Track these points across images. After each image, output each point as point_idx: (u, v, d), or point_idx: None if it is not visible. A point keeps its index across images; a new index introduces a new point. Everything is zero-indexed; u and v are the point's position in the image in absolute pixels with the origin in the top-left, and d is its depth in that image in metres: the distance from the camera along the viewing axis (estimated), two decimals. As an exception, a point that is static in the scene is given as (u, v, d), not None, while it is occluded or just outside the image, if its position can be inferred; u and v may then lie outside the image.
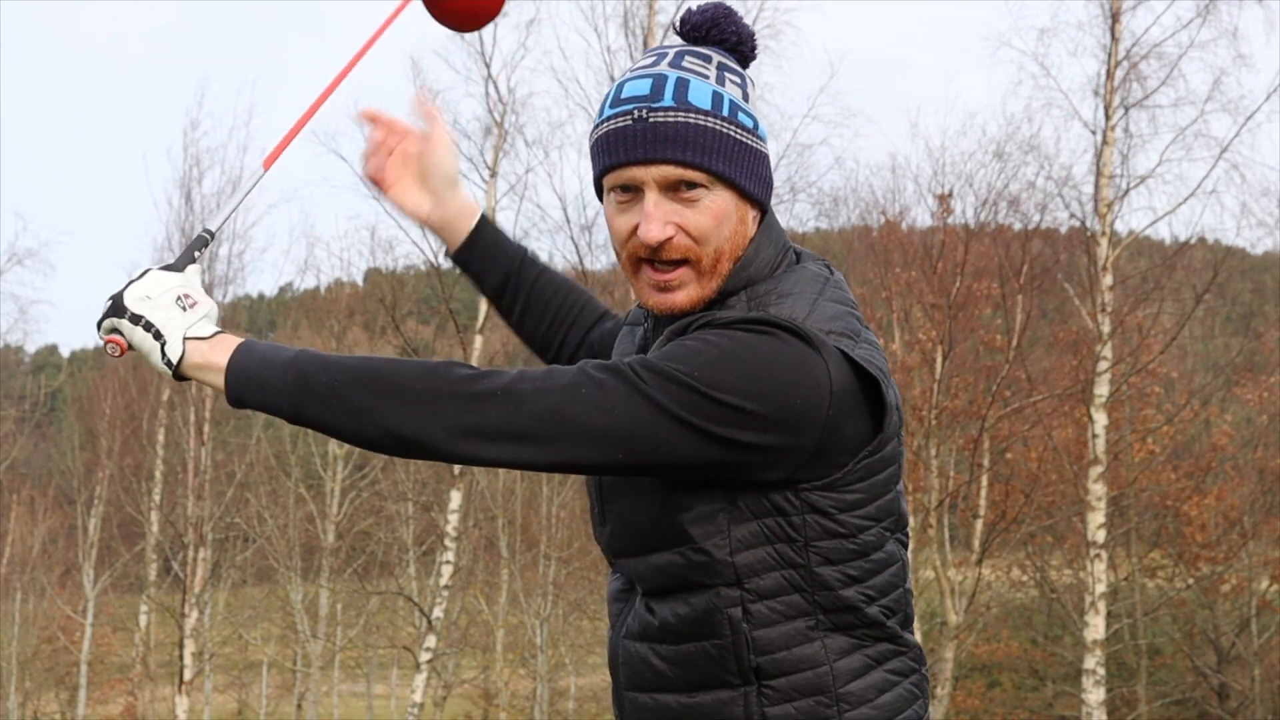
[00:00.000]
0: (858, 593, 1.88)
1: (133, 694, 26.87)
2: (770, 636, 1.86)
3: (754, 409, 1.76)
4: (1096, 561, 15.97)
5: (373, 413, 1.78)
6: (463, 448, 1.78)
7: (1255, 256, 24.35)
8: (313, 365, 1.81)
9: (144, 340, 1.86)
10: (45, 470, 32.38)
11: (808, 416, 1.78)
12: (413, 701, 17.04)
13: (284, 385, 1.81)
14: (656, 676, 1.93)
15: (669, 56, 1.94)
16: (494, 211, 17.44)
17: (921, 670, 1.97)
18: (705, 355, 1.78)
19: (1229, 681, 22.01)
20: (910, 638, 1.97)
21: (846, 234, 22.06)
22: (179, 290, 1.89)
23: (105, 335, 1.89)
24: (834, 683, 1.87)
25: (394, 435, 1.79)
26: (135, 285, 1.89)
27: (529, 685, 26.23)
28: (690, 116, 1.88)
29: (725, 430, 1.77)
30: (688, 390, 1.76)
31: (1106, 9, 16.24)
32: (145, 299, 1.87)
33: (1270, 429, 23.17)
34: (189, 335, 1.86)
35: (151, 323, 1.86)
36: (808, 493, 1.83)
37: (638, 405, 1.77)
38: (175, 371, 1.86)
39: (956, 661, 18.73)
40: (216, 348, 1.85)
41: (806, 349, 1.80)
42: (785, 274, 1.94)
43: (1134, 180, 16.23)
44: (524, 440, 1.78)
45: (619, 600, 2.04)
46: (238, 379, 1.83)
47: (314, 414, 1.81)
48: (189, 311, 1.88)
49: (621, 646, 2.00)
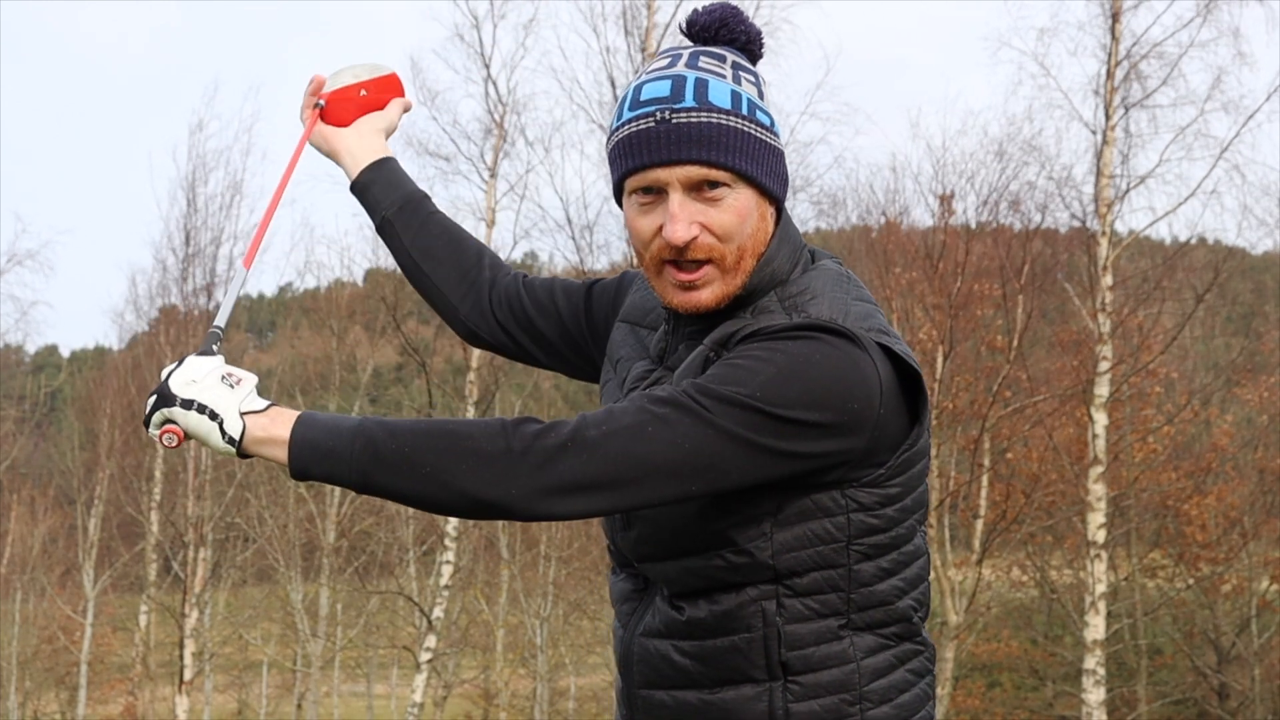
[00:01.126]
0: (892, 586, 1.90)
1: (133, 694, 26.86)
2: (801, 633, 1.87)
3: (817, 419, 1.78)
4: (1097, 561, 15.97)
5: (447, 477, 1.77)
6: (540, 506, 1.78)
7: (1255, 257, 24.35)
8: (380, 432, 1.79)
9: (200, 424, 1.83)
10: (45, 470, 32.37)
11: (864, 417, 1.81)
12: (413, 701, 17.04)
13: (352, 455, 1.79)
14: (677, 673, 1.93)
15: (684, 58, 1.95)
16: (494, 211, 17.45)
17: (933, 671, 1.99)
18: (762, 374, 1.79)
19: (1229, 681, 22.01)
20: (928, 636, 1.99)
21: (846, 234, 22.06)
22: (222, 370, 1.86)
23: (159, 429, 1.85)
24: (859, 681, 1.89)
25: (471, 498, 1.78)
26: (178, 373, 1.85)
27: (529, 685, 26.23)
28: (713, 116, 1.88)
29: (792, 445, 1.78)
30: (752, 412, 1.77)
31: (1107, 9, 16.24)
32: (192, 383, 1.84)
33: (1270, 429, 23.17)
34: (244, 410, 1.83)
35: (205, 404, 1.83)
36: (854, 490, 1.85)
37: (706, 436, 1.77)
38: (238, 449, 1.82)
39: (956, 661, 18.73)
40: (277, 421, 1.82)
41: (855, 350, 1.81)
42: (809, 273, 1.96)
43: (1134, 180, 16.23)
44: (599, 489, 1.78)
45: (630, 600, 2.03)
46: (302, 451, 1.81)
47: (384, 482, 1.79)
48: (237, 389, 1.85)
49: (637, 644, 1.99)
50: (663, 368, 2.01)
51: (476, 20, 17.34)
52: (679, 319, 1.99)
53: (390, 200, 2.38)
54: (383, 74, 2.45)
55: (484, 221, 17.44)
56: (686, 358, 1.95)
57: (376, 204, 2.39)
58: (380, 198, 2.39)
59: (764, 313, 1.91)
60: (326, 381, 26.42)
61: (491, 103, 17.15)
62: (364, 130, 2.43)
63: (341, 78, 2.43)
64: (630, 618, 2.02)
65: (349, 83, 2.43)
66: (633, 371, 2.06)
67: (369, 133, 2.43)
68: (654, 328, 2.10)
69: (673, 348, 2.01)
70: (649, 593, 2.00)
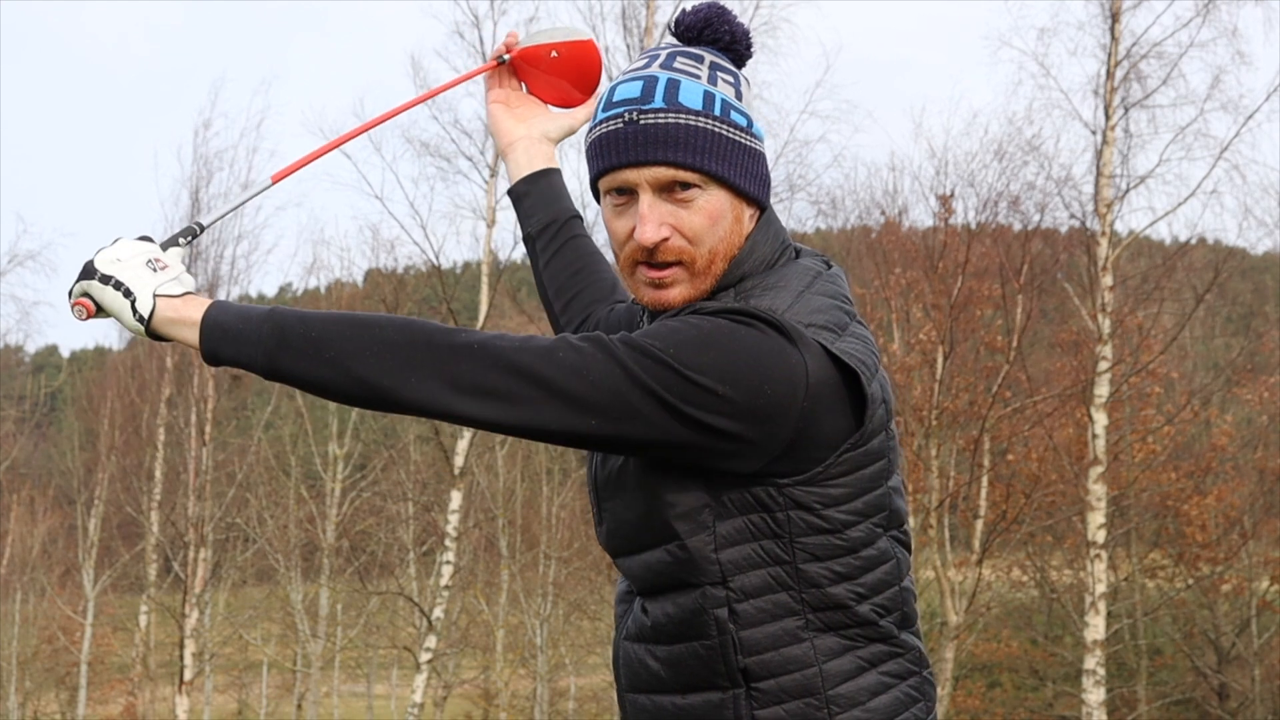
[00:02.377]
0: (847, 590, 1.86)
1: (133, 694, 26.87)
2: (757, 637, 1.85)
3: (726, 393, 1.76)
4: (1096, 562, 15.97)
5: (347, 362, 1.78)
6: (437, 400, 1.77)
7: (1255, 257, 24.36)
8: (291, 318, 1.80)
9: (114, 300, 1.85)
10: (45, 470, 32.37)
11: (780, 408, 1.78)
12: (413, 701, 17.04)
13: (260, 338, 1.80)
14: (653, 678, 1.94)
15: (660, 58, 1.95)
16: (494, 211, 17.45)
17: (922, 673, 1.94)
18: (683, 335, 1.79)
19: (1229, 681, 22.01)
20: (909, 639, 1.94)
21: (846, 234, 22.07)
22: (149, 254, 1.89)
23: (75, 299, 1.88)
24: (823, 684, 1.86)
25: (366, 384, 1.78)
26: (106, 250, 1.88)
27: (529, 685, 26.24)
28: (681, 117, 1.89)
29: (696, 411, 1.77)
30: (663, 366, 1.76)
31: (1106, 8, 16.24)
32: (115, 261, 1.87)
33: (1270, 429, 23.17)
34: (159, 293, 1.85)
35: (121, 281, 1.85)
36: (789, 488, 1.83)
37: (613, 374, 1.76)
38: (147, 327, 1.85)
39: (956, 661, 18.73)
40: (189, 303, 1.85)
41: (783, 341, 1.79)
42: (778, 269, 1.95)
43: (1134, 180, 16.23)
44: (497, 397, 1.77)
45: (624, 602, 2.04)
46: (212, 332, 1.82)
47: (289, 366, 1.80)
48: (159, 273, 1.87)
49: (622, 648, 2.00)
50: None
51: (477, 18, 17.35)
52: (652, 316, 2.00)
53: (539, 218, 2.40)
54: (578, 38, 2.42)
55: (484, 221, 17.44)
56: None
57: (527, 216, 2.41)
58: (531, 211, 2.41)
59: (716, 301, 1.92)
60: (326, 382, 26.37)
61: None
62: (536, 133, 2.44)
63: (535, 38, 2.43)
64: (621, 620, 2.03)
65: (542, 43, 2.42)
66: None
67: (540, 138, 2.44)
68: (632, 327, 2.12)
69: None
70: (634, 595, 2.00)
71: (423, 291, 22.35)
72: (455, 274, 23.94)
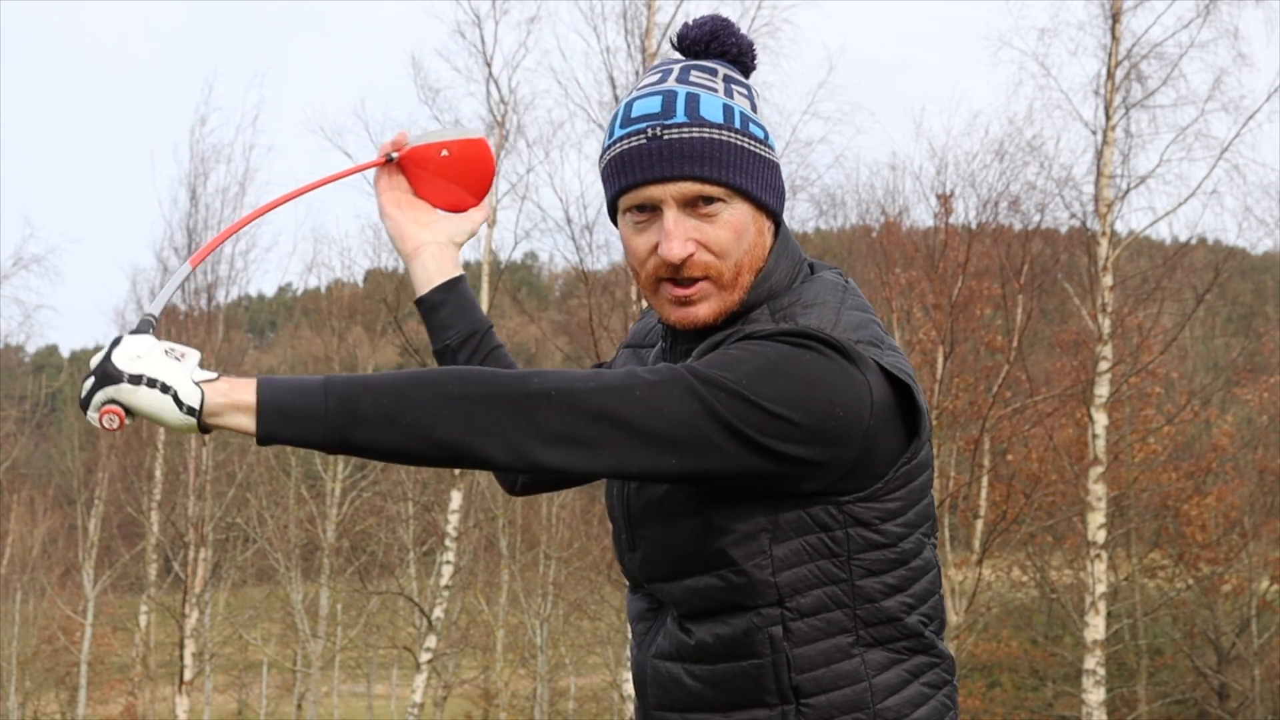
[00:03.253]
0: (899, 602, 1.87)
1: (133, 694, 26.88)
2: (810, 654, 1.85)
3: (801, 421, 1.75)
4: (1097, 562, 15.98)
5: (425, 427, 1.70)
6: (518, 453, 1.72)
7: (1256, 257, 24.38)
8: (354, 387, 1.71)
9: (151, 399, 1.69)
10: (45, 470, 32.38)
11: (850, 429, 1.77)
12: (413, 701, 17.05)
13: (325, 413, 1.70)
14: (690, 696, 1.91)
15: (675, 72, 1.93)
16: (495, 211, 17.45)
17: (953, 682, 1.96)
18: (751, 364, 1.77)
19: (1229, 681, 22.02)
20: (945, 648, 1.95)
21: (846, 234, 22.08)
22: (163, 345, 1.74)
23: (98, 411, 1.70)
24: (872, 698, 1.86)
25: (446, 446, 1.71)
26: (117, 351, 1.72)
27: (529, 685, 26.24)
28: (706, 131, 1.87)
29: (771, 441, 1.75)
30: (738, 399, 1.74)
31: (1107, 9, 16.24)
32: (137, 358, 1.71)
33: (1270, 429, 23.19)
34: (198, 380, 1.71)
35: (154, 378, 1.70)
36: (849, 505, 1.82)
37: (690, 409, 1.74)
38: (199, 420, 1.70)
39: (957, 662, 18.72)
40: (237, 386, 1.71)
41: (845, 362, 1.78)
42: (804, 284, 1.93)
43: (1134, 180, 16.23)
44: (577, 443, 1.73)
45: (644, 620, 2.01)
46: (270, 414, 1.70)
47: (362, 439, 1.71)
48: (184, 361, 1.73)
49: (650, 666, 1.97)
50: None
51: (478, 18, 17.33)
52: (676, 335, 1.97)
53: (458, 330, 2.30)
54: (471, 136, 2.30)
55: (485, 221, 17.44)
56: None
57: (445, 328, 2.30)
58: (449, 322, 2.30)
59: (755, 323, 1.89)
60: (327, 382, 26.38)
61: (493, 102, 17.15)
62: (442, 238, 2.33)
63: (426, 138, 2.29)
64: (644, 638, 2.00)
65: (432, 141, 2.29)
66: None
67: (446, 243, 2.33)
68: (653, 345, 2.09)
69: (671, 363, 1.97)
70: (661, 613, 1.98)
71: (423, 291, 22.33)
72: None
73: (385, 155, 2.30)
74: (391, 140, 2.31)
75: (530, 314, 21.71)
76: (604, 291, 17.51)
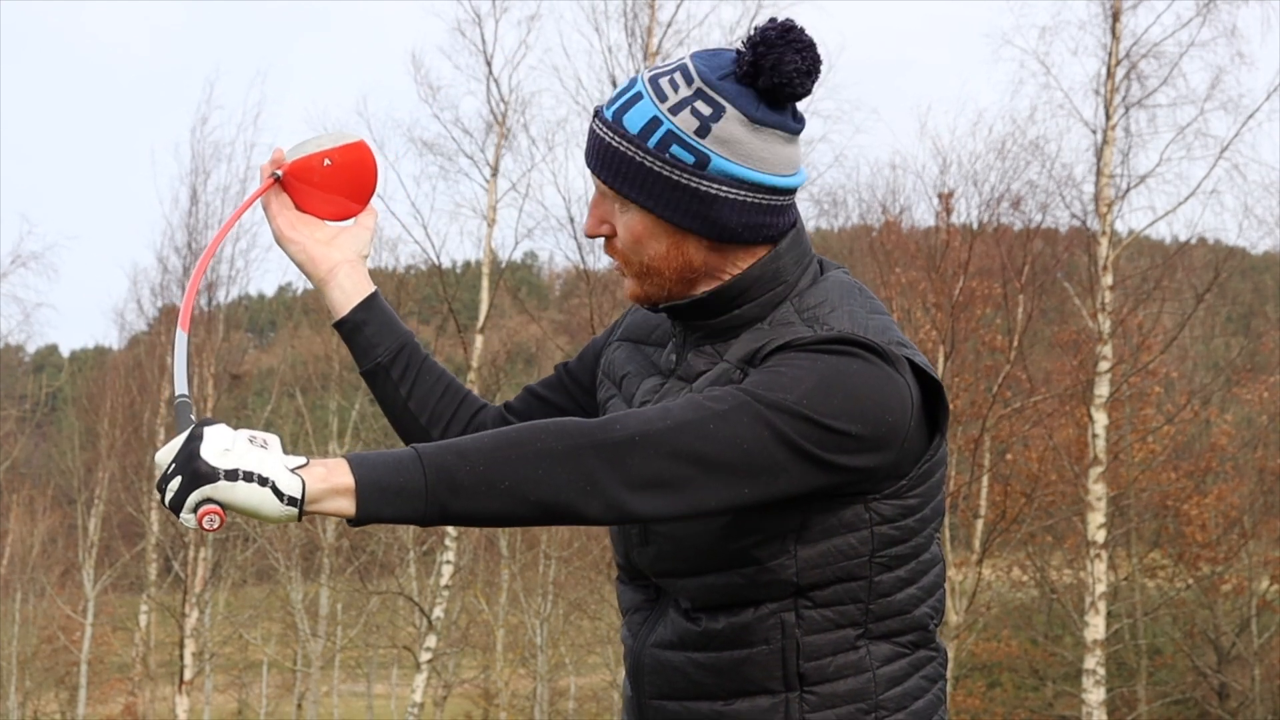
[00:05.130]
0: (909, 595, 1.90)
1: (133, 694, 26.89)
2: (818, 643, 1.87)
3: (859, 432, 1.77)
4: (1096, 561, 15.99)
5: (524, 490, 1.69)
6: (614, 506, 1.71)
7: (1255, 256, 24.39)
8: (448, 456, 1.68)
9: (251, 493, 1.62)
10: (45, 470, 32.38)
11: (897, 432, 1.80)
12: (413, 701, 17.05)
13: (425, 488, 1.67)
14: (691, 684, 1.92)
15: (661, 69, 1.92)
16: (496, 210, 17.46)
17: (945, 675, 1.99)
18: (806, 382, 1.77)
19: (1229, 681, 22.03)
20: (941, 641, 1.98)
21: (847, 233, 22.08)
22: (244, 434, 1.66)
23: (201, 511, 1.62)
24: (875, 689, 1.88)
25: (545, 505, 1.70)
26: (205, 446, 1.63)
27: (529, 685, 26.24)
28: (611, 136, 1.89)
29: (834, 456, 1.77)
30: (801, 419, 1.75)
31: (1107, 8, 16.26)
32: (227, 453, 1.63)
33: (1270, 429, 23.19)
34: (293, 468, 1.65)
35: (251, 471, 1.62)
36: (877, 503, 1.85)
37: (763, 437, 1.74)
38: (300, 508, 1.64)
39: (956, 661, 18.74)
40: (334, 470, 1.66)
41: (886, 366, 1.80)
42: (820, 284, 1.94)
43: (1134, 180, 16.25)
44: (664, 487, 1.72)
45: (640, 610, 2.01)
46: (370, 494, 1.66)
47: (462, 508, 1.69)
48: (269, 448, 1.66)
49: (648, 655, 1.97)
50: (674, 378, 1.98)
51: (479, 16, 17.34)
52: (686, 330, 1.98)
53: (386, 346, 2.23)
54: (348, 142, 2.21)
55: (485, 220, 17.45)
56: (698, 367, 1.94)
57: (372, 345, 2.22)
58: (375, 340, 2.23)
59: (782, 324, 1.90)
60: (326, 381, 26.43)
61: (494, 100, 17.16)
62: (351, 255, 2.24)
63: (304, 148, 2.20)
64: (641, 628, 2.00)
65: (311, 152, 2.20)
66: (642, 387, 2.02)
67: (356, 261, 2.25)
68: (661, 344, 2.06)
69: (682, 358, 1.99)
70: (660, 603, 1.98)
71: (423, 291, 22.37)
72: (456, 273, 23.95)
73: (271, 175, 2.22)
74: (270, 159, 2.24)
75: (530, 313, 21.74)
76: (605, 290, 17.51)
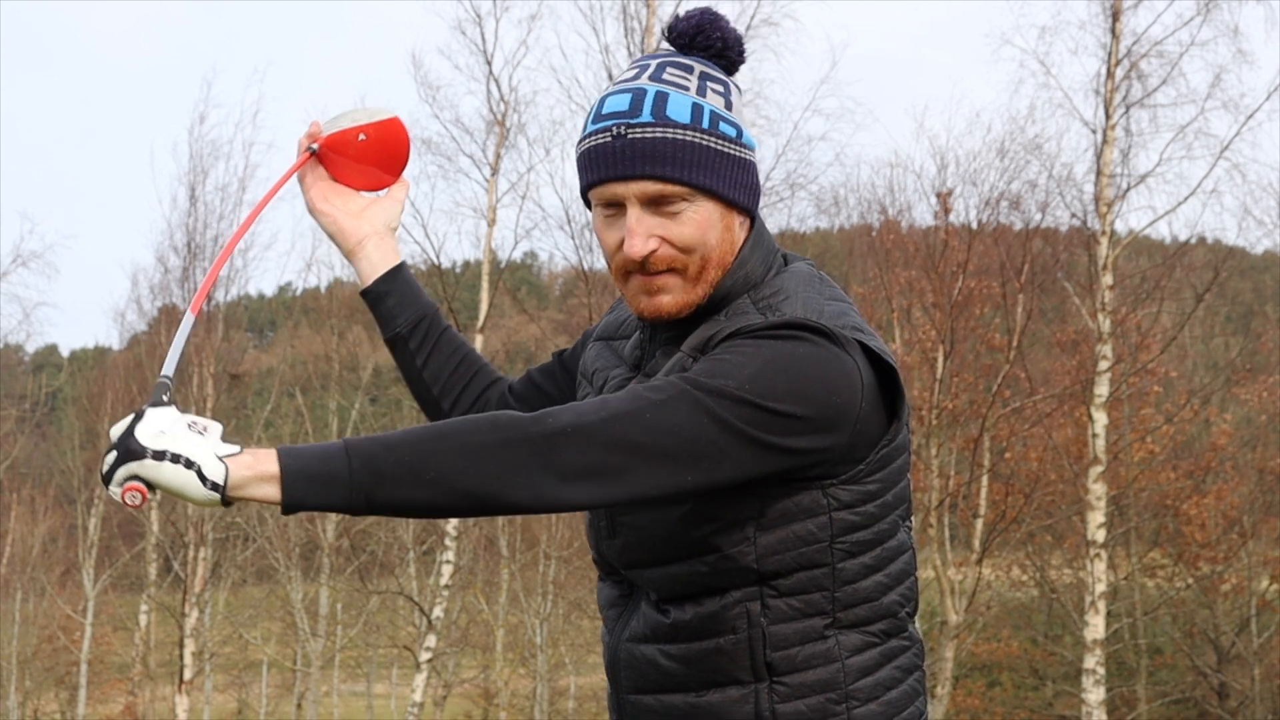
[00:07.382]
0: (875, 582, 1.91)
1: (133, 694, 26.88)
2: (785, 633, 1.88)
3: (804, 414, 1.79)
4: (1096, 561, 15.98)
5: (450, 479, 1.72)
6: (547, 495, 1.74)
7: (1255, 256, 24.40)
8: (375, 448, 1.73)
9: (175, 474, 1.68)
10: (45, 470, 32.38)
11: (847, 413, 1.82)
12: (413, 701, 17.05)
13: (349, 476, 1.71)
14: (664, 677, 1.94)
15: (650, 69, 1.95)
16: (495, 210, 17.45)
17: (923, 666, 1.99)
18: (749, 367, 1.80)
19: (1229, 681, 22.02)
20: (915, 631, 1.99)
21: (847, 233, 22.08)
22: (186, 419, 1.73)
23: (120, 487, 1.70)
24: (845, 679, 1.89)
25: (472, 496, 1.73)
26: (141, 426, 1.70)
27: (529, 685, 26.24)
28: (669, 131, 1.89)
29: (780, 439, 1.79)
30: (742, 404, 1.77)
31: (1107, 7, 16.24)
32: (160, 434, 1.69)
33: (1270, 429, 23.18)
34: (221, 455, 1.71)
35: (178, 454, 1.69)
36: (835, 488, 1.86)
37: (701, 424, 1.77)
38: (223, 495, 1.71)
39: (956, 661, 18.73)
40: (260, 458, 1.71)
41: (834, 348, 1.82)
42: (780, 275, 1.96)
43: (1134, 179, 16.24)
44: (598, 476, 1.75)
45: (615, 605, 2.04)
46: (295, 482, 1.71)
47: (388, 497, 1.73)
48: (206, 435, 1.72)
49: (623, 649, 1.99)
50: (641, 374, 2.00)
51: (479, 16, 17.32)
52: (655, 327, 2.00)
53: (406, 317, 2.32)
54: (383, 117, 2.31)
55: (485, 220, 17.44)
56: (664, 364, 1.95)
57: (393, 316, 2.31)
58: (396, 310, 2.31)
59: (739, 314, 1.92)
60: (326, 381, 26.42)
61: (494, 100, 17.15)
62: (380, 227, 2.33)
63: (339, 122, 2.29)
64: (616, 623, 2.02)
65: (346, 127, 2.29)
66: (610, 379, 2.05)
67: (385, 233, 2.33)
68: (628, 337, 2.10)
69: (650, 354, 2.01)
70: (634, 598, 2.00)
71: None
72: (455, 273, 23.93)
73: (307, 149, 2.29)
74: (307, 133, 2.31)
75: (530, 313, 21.74)
76: (604, 290, 17.51)
